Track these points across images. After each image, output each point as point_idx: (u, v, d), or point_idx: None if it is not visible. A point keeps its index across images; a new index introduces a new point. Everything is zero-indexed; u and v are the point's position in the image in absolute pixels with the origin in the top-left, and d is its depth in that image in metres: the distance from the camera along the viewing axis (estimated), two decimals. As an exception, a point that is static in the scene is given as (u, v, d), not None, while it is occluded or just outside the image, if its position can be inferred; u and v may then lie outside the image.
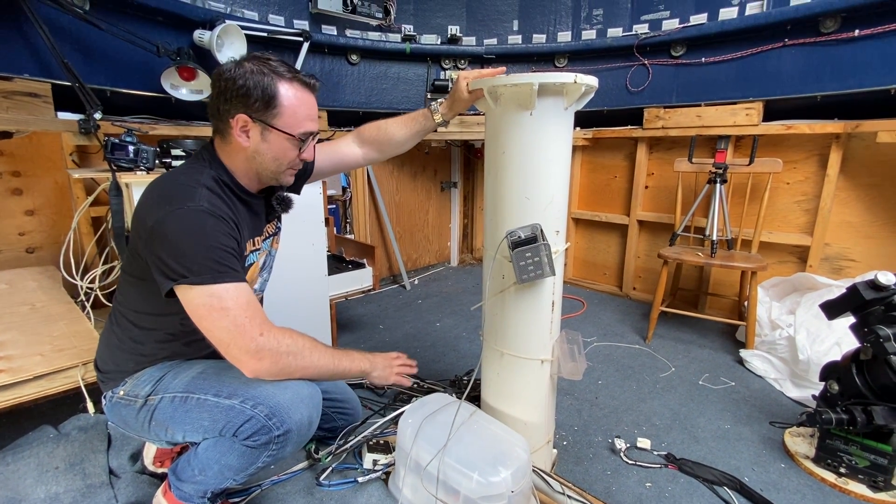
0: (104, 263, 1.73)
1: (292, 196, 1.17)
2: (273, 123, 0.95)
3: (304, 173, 1.25)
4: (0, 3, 1.53)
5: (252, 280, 1.11)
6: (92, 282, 1.67)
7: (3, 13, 1.55)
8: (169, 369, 1.01)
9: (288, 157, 1.00)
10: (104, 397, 1.05)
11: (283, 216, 1.20)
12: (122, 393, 1.01)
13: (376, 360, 1.15)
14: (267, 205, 1.13)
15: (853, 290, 1.28)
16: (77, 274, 1.66)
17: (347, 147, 1.33)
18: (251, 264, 1.08)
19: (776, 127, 2.12)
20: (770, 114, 2.18)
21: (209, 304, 0.86)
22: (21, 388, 1.12)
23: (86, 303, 1.65)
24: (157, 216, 0.87)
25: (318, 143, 1.13)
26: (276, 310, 1.29)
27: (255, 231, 1.09)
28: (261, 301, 1.23)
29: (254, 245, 1.08)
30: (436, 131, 1.33)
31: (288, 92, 0.95)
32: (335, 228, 2.75)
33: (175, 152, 1.57)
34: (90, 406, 1.21)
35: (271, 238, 1.18)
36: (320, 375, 1.00)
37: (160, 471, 1.23)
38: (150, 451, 1.25)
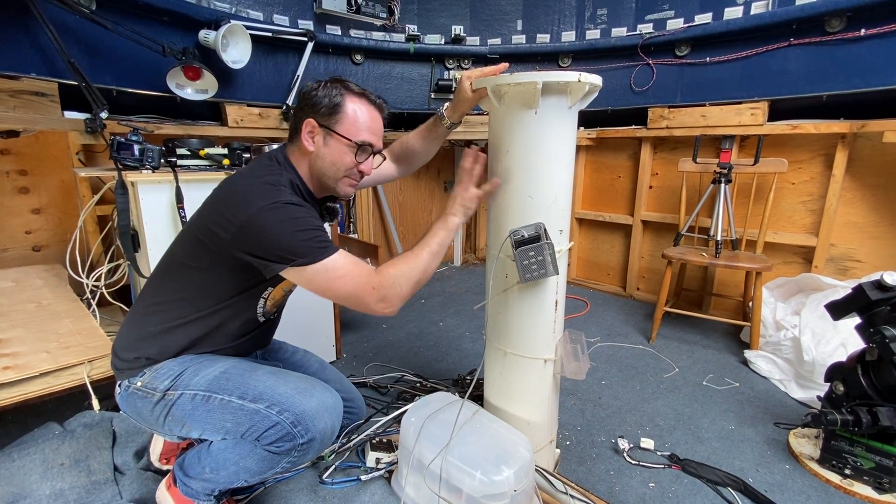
0: (110, 262, 1.74)
1: (338, 208, 1.23)
2: (335, 129, 1.03)
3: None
4: (8, 2, 1.54)
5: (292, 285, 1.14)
6: (97, 280, 1.69)
7: (11, 13, 1.57)
8: (189, 364, 1.00)
9: (345, 162, 1.06)
10: (119, 386, 1.04)
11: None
12: (139, 384, 1.00)
13: (450, 210, 1.11)
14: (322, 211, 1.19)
15: (859, 290, 1.27)
16: (83, 272, 1.67)
17: (384, 164, 1.39)
18: None
19: (781, 127, 2.11)
20: (775, 113, 2.17)
21: (327, 278, 0.94)
22: (27, 384, 1.13)
23: (91, 300, 1.66)
24: (250, 212, 0.92)
25: None
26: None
27: None
28: (285, 300, 1.24)
29: None
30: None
31: (353, 104, 1.04)
32: (339, 227, 2.76)
33: (180, 151, 1.58)
34: (95, 403, 1.21)
35: None
36: (434, 267, 1.07)
37: (166, 468, 1.24)
38: (156, 448, 1.25)
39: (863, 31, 1.84)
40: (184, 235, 1.05)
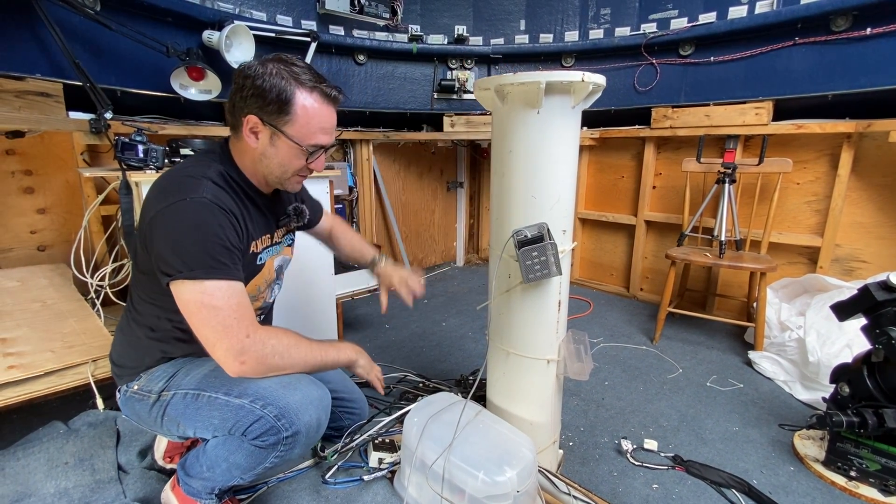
0: (114, 261, 1.75)
1: (306, 209, 1.20)
2: (284, 130, 0.94)
3: (311, 223, 1.34)
4: (13, 3, 1.55)
5: (266, 280, 1.12)
6: (102, 279, 1.69)
7: (16, 14, 1.58)
8: (182, 366, 1.02)
9: (294, 165, 0.98)
10: (119, 391, 1.06)
11: (296, 231, 1.24)
12: (136, 388, 1.02)
13: (363, 354, 1.16)
14: (279, 210, 1.14)
15: (865, 290, 1.26)
16: (87, 272, 1.68)
17: (326, 228, 1.42)
18: (263, 263, 1.08)
19: (786, 126, 2.10)
20: (780, 113, 2.15)
21: (200, 301, 0.85)
22: (32, 383, 1.13)
23: (96, 300, 1.67)
24: (158, 208, 0.87)
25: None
26: (283, 309, 1.29)
27: (266, 229, 1.09)
28: (271, 308, 1.24)
29: (264, 243, 1.07)
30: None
31: (305, 101, 0.93)
32: (342, 228, 2.76)
33: (184, 151, 1.58)
34: (100, 402, 1.22)
35: (281, 244, 1.18)
36: (308, 370, 1.00)
37: (169, 466, 1.24)
38: (160, 447, 1.26)
39: (868, 30, 1.83)
40: (138, 243, 1.00)
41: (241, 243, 0.94)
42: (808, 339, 1.66)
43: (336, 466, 1.25)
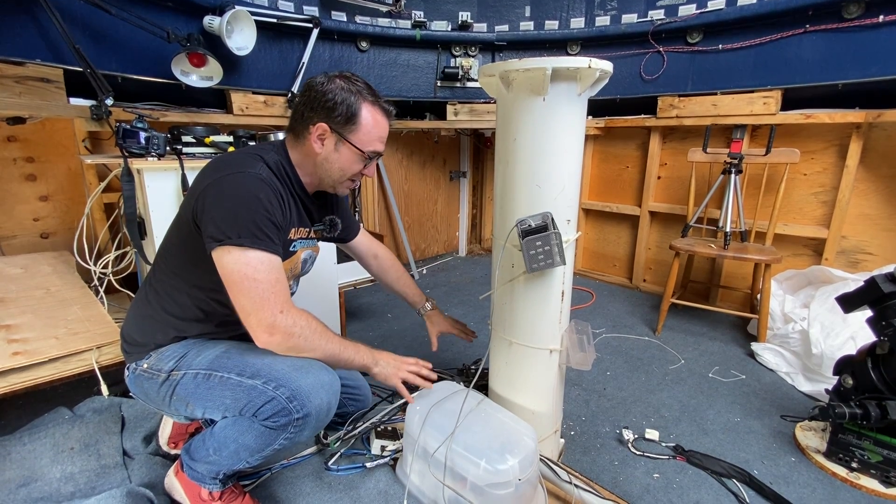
0: (117, 249, 1.75)
1: (339, 223, 1.24)
2: (348, 137, 1.04)
3: (343, 238, 1.41)
4: (12, -12, 1.53)
5: (293, 268, 1.15)
6: (105, 267, 1.70)
7: (16, -2, 1.56)
8: (192, 346, 1.04)
9: (352, 169, 1.08)
10: (127, 369, 1.08)
11: (321, 241, 1.27)
12: (145, 366, 1.03)
13: (381, 357, 1.14)
14: (318, 213, 1.19)
15: (871, 282, 1.25)
16: (90, 259, 1.68)
17: (367, 247, 1.47)
18: (294, 251, 1.12)
19: (794, 116, 2.07)
20: (788, 102, 2.12)
21: (242, 272, 0.90)
22: (37, 370, 1.14)
23: (99, 287, 1.67)
24: (216, 177, 0.94)
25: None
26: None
27: (303, 223, 1.14)
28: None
29: (299, 234, 1.12)
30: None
31: (368, 113, 1.04)
32: (344, 217, 2.75)
33: (185, 139, 1.57)
34: (104, 389, 1.22)
35: (312, 241, 1.21)
36: (325, 359, 1.03)
37: (174, 452, 1.26)
38: (165, 432, 1.27)
39: (881, 17, 1.79)
40: (176, 217, 1.07)
41: (283, 224, 1.00)
42: (812, 330, 1.66)
43: (339, 453, 1.26)
